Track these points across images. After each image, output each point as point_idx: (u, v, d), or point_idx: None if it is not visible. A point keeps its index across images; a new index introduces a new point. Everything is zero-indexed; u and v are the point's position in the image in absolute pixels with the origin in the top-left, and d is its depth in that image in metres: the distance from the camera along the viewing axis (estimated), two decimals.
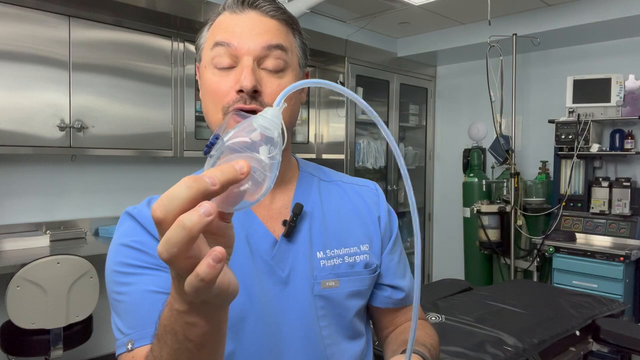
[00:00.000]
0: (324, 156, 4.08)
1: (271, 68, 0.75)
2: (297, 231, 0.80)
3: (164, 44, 3.07)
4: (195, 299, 0.45)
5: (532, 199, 3.81)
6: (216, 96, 0.75)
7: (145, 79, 3.00)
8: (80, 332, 2.44)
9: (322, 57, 3.91)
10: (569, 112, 3.52)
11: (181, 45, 3.12)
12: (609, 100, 3.41)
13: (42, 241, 2.70)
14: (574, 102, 3.52)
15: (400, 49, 4.38)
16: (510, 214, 3.68)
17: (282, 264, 0.78)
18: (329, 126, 4.11)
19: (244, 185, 0.44)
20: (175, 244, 0.40)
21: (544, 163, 3.91)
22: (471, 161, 4.18)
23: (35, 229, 2.90)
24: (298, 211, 0.80)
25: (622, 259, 3.04)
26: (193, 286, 0.41)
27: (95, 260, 2.38)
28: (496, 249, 3.80)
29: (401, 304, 0.89)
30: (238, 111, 0.71)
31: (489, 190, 4.04)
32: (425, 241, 4.87)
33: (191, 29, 3.04)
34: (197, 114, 3.22)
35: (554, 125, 3.56)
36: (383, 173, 4.42)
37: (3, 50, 2.49)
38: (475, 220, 3.87)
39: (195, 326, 0.48)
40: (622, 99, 3.38)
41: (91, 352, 3.02)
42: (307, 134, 4.09)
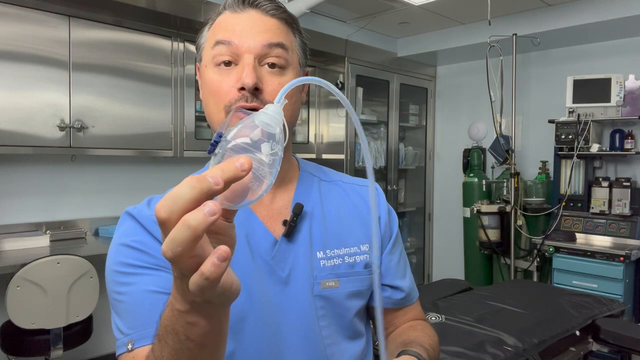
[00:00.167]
0: (324, 156, 4.08)
1: (272, 66, 0.75)
2: (297, 231, 0.80)
3: (164, 44, 3.07)
4: (198, 298, 0.45)
5: (532, 199, 3.81)
6: (217, 95, 0.75)
7: (145, 79, 3.00)
8: (80, 332, 2.44)
9: (322, 57, 3.91)
10: (569, 112, 3.52)
11: (181, 45, 3.12)
12: (609, 100, 3.41)
13: (42, 241, 2.70)
14: (574, 102, 3.52)
15: (400, 49, 4.38)
16: (510, 214, 3.68)
17: (282, 264, 0.78)
18: (329, 126, 4.11)
19: (246, 182, 0.44)
20: (180, 243, 0.40)
21: (544, 163, 3.90)
22: (471, 161, 4.18)
23: (35, 229, 2.90)
24: (298, 211, 0.80)
25: (622, 259, 3.04)
26: (198, 285, 0.42)
27: (95, 260, 2.38)
28: (496, 249, 3.80)
29: (401, 304, 0.89)
30: (240, 109, 0.71)
31: (489, 190, 4.04)
32: (425, 241, 4.87)
33: (191, 29, 3.04)
34: (197, 114, 3.22)
35: (554, 125, 3.56)
36: (383, 173, 4.42)
37: (3, 50, 2.49)
38: (475, 220, 3.86)
39: (196, 326, 0.48)
40: (622, 99, 3.38)
41: (91, 352, 3.02)
42: (307, 134, 4.09)
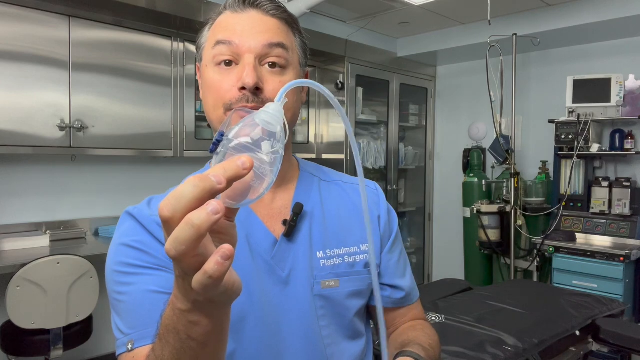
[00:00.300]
0: (324, 156, 4.08)
1: (272, 66, 0.75)
2: (297, 231, 0.80)
3: (164, 44, 3.07)
4: (200, 297, 0.45)
5: (532, 199, 3.80)
6: (218, 94, 0.75)
7: (145, 79, 3.00)
8: (80, 332, 2.44)
9: (322, 57, 3.91)
10: (569, 112, 3.52)
11: (181, 45, 3.12)
12: (609, 100, 3.41)
13: (42, 241, 2.70)
14: (574, 102, 3.52)
15: (400, 49, 4.38)
16: (510, 214, 3.68)
17: (282, 263, 0.78)
18: (329, 126, 4.11)
19: (248, 180, 0.45)
20: (183, 241, 0.40)
21: (544, 163, 3.90)
22: (471, 161, 4.18)
23: (35, 229, 2.90)
24: (298, 211, 0.80)
25: (622, 259, 3.04)
26: (201, 283, 0.42)
27: (95, 260, 2.38)
28: (496, 249, 3.80)
29: (401, 304, 0.89)
30: (241, 107, 0.71)
31: (489, 190, 4.04)
32: (425, 241, 4.87)
33: (191, 29, 3.04)
34: (197, 114, 3.22)
35: (554, 125, 3.56)
36: (383, 173, 4.42)
37: (3, 50, 2.49)
38: (475, 220, 3.86)
39: (198, 325, 0.49)
40: (622, 99, 3.38)
41: (91, 352, 3.02)
42: (307, 134, 4.09)
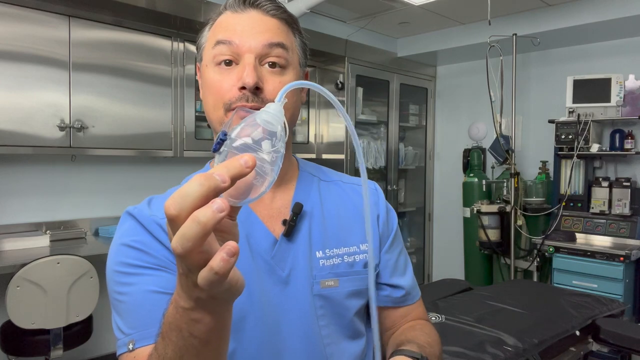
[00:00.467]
0: (324, 156, 4.08)
1: (272, 66, 0.75)
2: (297, 230, 0.80)
3: (164, 44, 3.07)
4: (204, 294, 0.46)
5: (532, 199, 3.81)
6: (218, 94, 0.75)
7: (145, 79, 3.00)
8: (80, 332, 2.44)
9: (322, 57, 3.91)
10: (569, 112, 3.52)
11: (181, 45, 3.12)
12: (609, 100, 3.41)
13: (42, 241, 2.70)
14: (574, 102, 3.52)
15: (400, 49, 4.38)
16: (510, 214, 3.68)
17: (282, 263, 0.78)
18: (329, 126, 4.11)
19: (250, 179, 0.46)
20: (190, 238, 0.41)
21: (544, 163, 3.90)
22: (471, 161, 4.18)
23: (35, 229, 2.90)
24: (298, 210, 0.80)
25: (622, 259, 3.04)
26: (207, 279, 0.43)
27: (95, 260, 2.38)
28: (496, 249, 3.80)
29: (401, 303, 0.89)
30: (242, 108, 0.72)
31: (489, 190, 4.04)
32: (425, 241, 4.87)
33: (191, 29, 3.04)
34: (197, 114, 3.22)
35: (554, 125, 3.56)
36: (383, 173, 4.42)
37: (3, 50, 2.49)
38: (475, 220, 3.86)
39: (200, 322, 0.49)
40: (622, 99, 3.38)
41: (91, 352, 3.02)
42: (307, 134, 4.09)
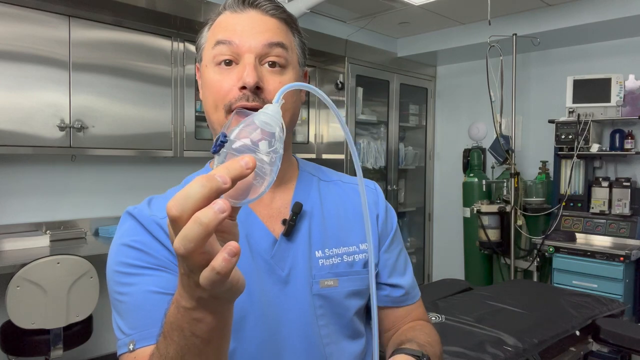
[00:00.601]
0: (324, 156, 4.08)
1: (272, 65, 0.76)
2: (297, 230, 0.80)
3: (164, 44, 3.07)
4: (206, 293, 0.46)
5: (532, 199, 3.81)
6: (218, 94, 0.75)
7: (145, 79, 3.00)
8: (80, 332, 2.44)
9: (322, 57, 3.91)
10: (569, 112, 3.52)
11: (181, 45, 3.12)
12: (609, 100, 3.41)
13: (42, 241, 2.70)
14: (574, 102, 3.52)
15: (400, 49, 4.38)
16: (510, 214, 3.68)
17: (282, 263, 0.78)
18: (329, 126, 4.11)
19: (250, 180, 0.46)
20: (192, 239, 0.42)
21: (544, 163, 3.90)
22: (471, 161, 4.18)
23: (35, 229, 2.90)
24: (297, 210, 0.80)
25: (622, 259, 3.04)
26: (209, 279, 0.43)
27: (95, 260, 2.38)
28: (496, 249, 3.80)
29: (401, 302, 0.89)
30: (240, 109, 0.72)
31: (489, 190, 4.04)
32: (425, 241, 4.87)
33: (191, 29, 3.04)
34: (197, 114, 3.22)
35: (554, 125, 3.56)
36: (383, 173, 4.42)
37: (3, 50, 2.49)
38: (475, 220, 3.86)
39: (201, 322, 0.50)
40: (622, 99, 3.38)
41: (91, 352, 3.02)
42: (307, 134, 4.09)
